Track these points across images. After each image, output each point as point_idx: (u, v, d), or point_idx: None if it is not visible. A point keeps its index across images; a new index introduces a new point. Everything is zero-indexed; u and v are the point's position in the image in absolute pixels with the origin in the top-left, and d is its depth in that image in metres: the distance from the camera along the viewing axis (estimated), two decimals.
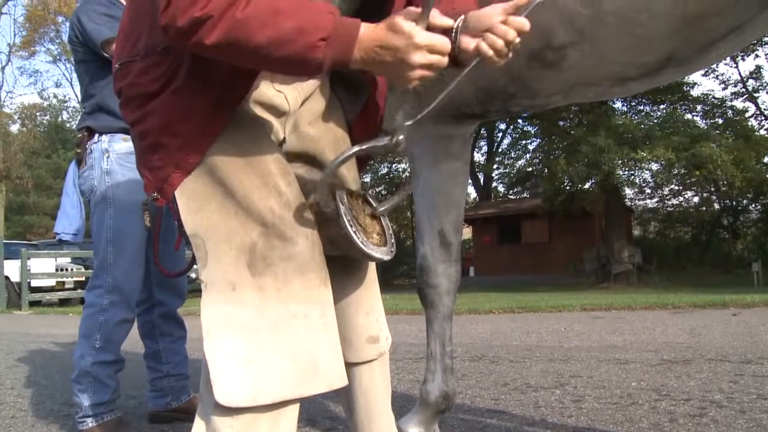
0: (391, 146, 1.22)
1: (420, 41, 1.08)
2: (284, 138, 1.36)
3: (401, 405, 2.79)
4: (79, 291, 14.17)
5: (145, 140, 1.20)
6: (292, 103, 1.33)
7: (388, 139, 1.23)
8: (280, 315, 1.16)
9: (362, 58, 1.09)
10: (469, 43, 1.18)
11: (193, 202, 1.20)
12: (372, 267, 1.50)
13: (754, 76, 23.12)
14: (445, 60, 1.13)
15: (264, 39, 1.03)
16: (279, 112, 1.32)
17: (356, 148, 1.22)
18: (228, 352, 1.13)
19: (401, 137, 1.21)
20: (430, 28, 1.13)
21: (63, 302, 15.40)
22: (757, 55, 21.61)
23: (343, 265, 1.40)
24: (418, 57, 1.09)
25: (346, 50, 1.07)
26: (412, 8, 1.15)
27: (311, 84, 1.38)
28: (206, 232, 1.19)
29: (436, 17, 1.18)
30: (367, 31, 1.08)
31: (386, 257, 1.29)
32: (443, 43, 1.12)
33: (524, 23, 1.15)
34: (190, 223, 1.21)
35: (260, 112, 1.28)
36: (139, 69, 1.20)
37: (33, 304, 14.05)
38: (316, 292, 1.21)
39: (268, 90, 1.30)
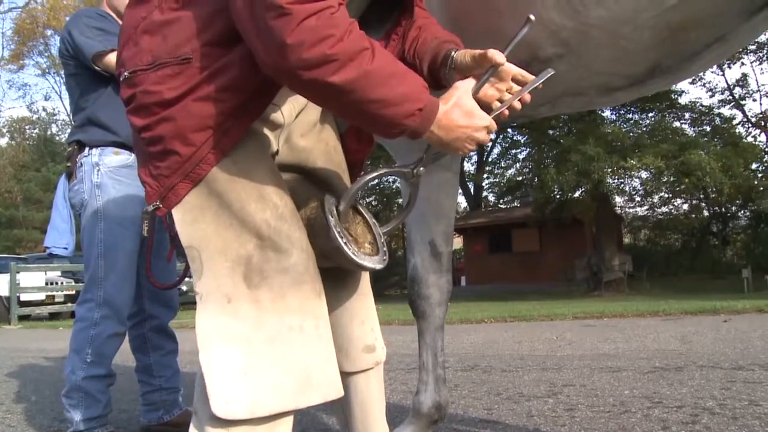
0: (410, 175, 1.36)
1: (491, 125, 1.25)
2: (277, 150, 1.36)
3: (394, 416, 2.79)
4: (70, 305, 14.07)
5: (155, 147, 1.19)
6: (286, 115, 1.34)
7: (409, 170, 1.36)
8: (276, 327, 1.16)
9: (438, 133, 1.21)
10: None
11: (189, 213, 1.20)
12: (366, 277, 1.51)
13: (740, 83, 23.38)
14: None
15: (377, 96, 1.09)
16: (274, 125, 1.32)
17: (377, 173, 1.30)
18: (224, 365, 1.14)
19: (422, 170, 1.35)
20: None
21: (53, 316, 15.27)
22: (743, 63, 21.87)
23: (337, 276, 1.41)
24: (483, 136, 1.25)
25: (428, 124, 1.18)
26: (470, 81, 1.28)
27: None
28: (201, 244, 1.19)
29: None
30: (444, 107, 1.20)
31: (379, 266, 1.30)
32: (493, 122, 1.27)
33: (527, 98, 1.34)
34: (186, 235, 1.21)
35: (256, 124, 1.28)
36: (156, 77, 1.18)
37: (22, 318, 13.93)
38: (311, 304, 1.21)
39: None
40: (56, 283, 15.38)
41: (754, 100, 25.60)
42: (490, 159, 29.07)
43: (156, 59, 1.19)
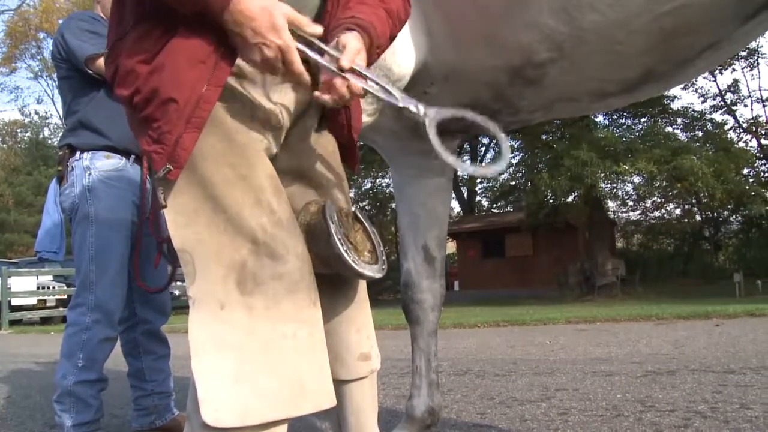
0: (415, 115, 1.24)
1: (286, 50, 1.14)
2: (276, 153, 1.35)
3: (387, 420, 2.78)
4: (61, 309, 13.99)
5: (150, 106, 1.16)
6: (287, 117, 1.33)
7: (417, 110, 1.24)
8: (269, 335, 1.15)
9: (230, 18, 1.13)
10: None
11: (182, 216, 1.19)
12: (362, 284, 1.50)
13: (731, 89, 23.51)
14: (279, 69, 1.17)
15: None
16: (274, 127, 1.31)
17: (391, 89, 1.24)
18: (216, 372, 1.13)
19: (429, 117, 1.23)
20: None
21: (44, 321, 15.19)
22: (734, 69, 22.01)
23: (334, 283, 1.40)
24: (271, 53, 1.14)
25: (222, 2, 1.11)
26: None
27: (306, 100, 1.37)
28: (195, 248, 1.18)
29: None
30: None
31: (378, 275, 1.29)
32: (294, 59, 1.16)
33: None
34: (179, 238, 1.19)
35: (255, 126, 1.27)
36: (132, 39, 1.19)
37: (13, 323, 13.84)
38: (305, 312, 1.20)
39: (265, 104, 1.29)
40: (48, 288, 15.30)
41: (745, 106, 25.83)
42: (483, 164, 29.11)
43: (126, 25, 1.20)
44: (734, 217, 26.16)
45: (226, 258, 1.16)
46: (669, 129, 20.16)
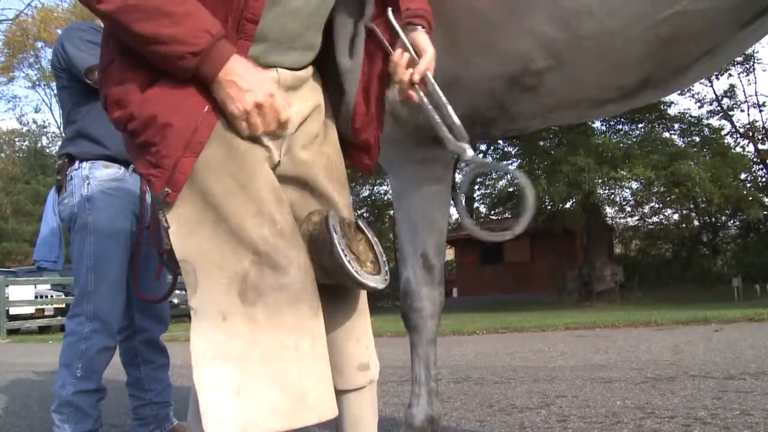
0: (465, 156, 1.32)
1: (258, 101, 1.18)
2: (279, 161, 1.33)
3: (386, 429, 2.77)
4: (60, 318, 13.92)
5: (146, 132, 1.16)
6: (289, 125, 1.31)
7: (468, 152, 1.31)
8: (271, 346, 1.15)
9: (218, 86, 1.17)
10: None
11: (184, 227, 1.19)
12: (363, 294, 1.49)
13: (728, 94, 23.54)
14: (272, 127, 1.22)
15: (142, 31, 1.12)
16: (276, 135, 1.30)
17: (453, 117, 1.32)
18: (218, 384, 1.13)
19: (474, 161, 1.32)
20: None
21: (43, 330, 15.12)
22: (730, 75, 22.03)
23: (334, 293, 1.39)
24: (254, 119, 1.19)
25: (208, 71, 1.15)
26: None
27: (308, 106, 1.37)
28: (196, 259, 1.18)
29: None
30: (236, 65, 1.16)
31: (380, 286, 1.29)
32: (276, 115, 1.21)
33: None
34: (181, 249, 1.20)
35: (256, 135, 1.25)
36: (121, 65, 1.20)
37: (11, 332, 13.79)
38: (307, 323, 1.20)
39: None
40: (46, 297, 15.26)
41: (742, 111, 25.80)
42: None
43: (113, 51, 1.22)
44: (732, 221, 26.19)
45: (228, 269, 1.16)
46: (666, 134, 20.18)
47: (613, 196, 20.24)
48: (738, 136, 24.18)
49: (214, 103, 1.18)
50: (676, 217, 27.22)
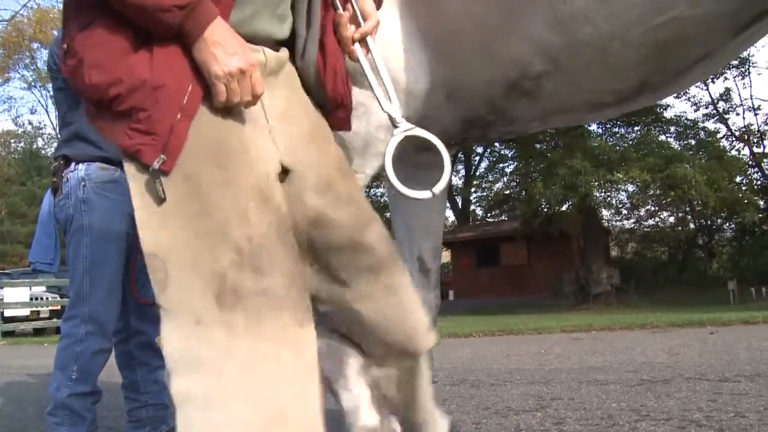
0: (397, 121, 1.34)
1: (232, 69, 1.10)
2: (271, 153, 1.23)
3: None
4: (55, 320, 13.91)
5: (133, 96, 1.07)
6: (280, 115, 1.26)
7: (398, 117, 1.35)
8: (249, 355, 1.05)
9: (203, 45, 1.10)
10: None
11: (156, 216, 1.09)
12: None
13: (724, 98, 23.64)
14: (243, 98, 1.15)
15: None
16: (268, 127, 1.22)
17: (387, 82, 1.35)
18: (187, 395, 1.04)
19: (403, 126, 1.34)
20: None
21: (38, 332, 15.07)
22: (726, 78, 22.15)
23: (391, 273, 1.35)
24: (234, 84, 1.11)
25: (192, 28, 1.09)
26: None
27: (300, 104, 1.32)
28: (169, 254, 1.08)
29: None
30: (221, 27, 1.11)
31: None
32: (254, 88, 1.14)
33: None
34: (150, 241, 1.10)
35: (248, 125, 1.18)
36: (100, 28, 1.11)
37: (6, 334, 13.76)
38: (290, 332, 1.09)
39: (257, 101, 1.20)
40: (41, 299, 15.21)
41: (738, 114, 25.95)
42: (477, 173, 29.19)
43: (91, 14, 1.13)
44: (727, 224, 26.25)
45: (203, 267, 1.07)
46: (662, 137, 20.28)
47: (609, 198, 20.31)
48: (733, 139, 24.29)
49: (200, 74, 1.11)
50: (671, 219, 27.31)
